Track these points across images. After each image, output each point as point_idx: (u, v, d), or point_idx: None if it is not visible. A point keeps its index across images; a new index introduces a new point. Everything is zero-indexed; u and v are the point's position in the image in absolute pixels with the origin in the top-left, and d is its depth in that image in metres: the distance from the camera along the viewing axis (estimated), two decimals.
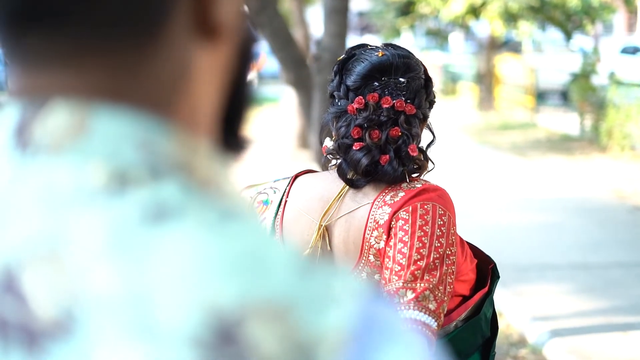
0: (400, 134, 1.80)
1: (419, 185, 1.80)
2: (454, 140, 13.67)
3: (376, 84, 1.82)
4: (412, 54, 1.89)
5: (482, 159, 11.69)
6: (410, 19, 19.10)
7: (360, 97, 1.81)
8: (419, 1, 17.69)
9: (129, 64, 0.56)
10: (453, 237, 1.77)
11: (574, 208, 8.29)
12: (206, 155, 0.57)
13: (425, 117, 1.87)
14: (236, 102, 0.64)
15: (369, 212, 1.79)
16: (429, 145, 1.92)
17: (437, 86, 17.38)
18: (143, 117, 0.55)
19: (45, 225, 0.52)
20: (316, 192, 1.88)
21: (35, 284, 0.50)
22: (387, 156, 1.79)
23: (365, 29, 35.44)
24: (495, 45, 18.39)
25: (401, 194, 1.78)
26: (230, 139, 0.64)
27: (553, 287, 5.84)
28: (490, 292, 1.97)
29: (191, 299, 0.49)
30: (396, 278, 1.70)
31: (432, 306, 1.68)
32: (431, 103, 1.90)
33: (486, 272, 1.99)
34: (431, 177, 1.91)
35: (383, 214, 1.77)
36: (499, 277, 1.99)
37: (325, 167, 1.95)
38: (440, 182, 1.91)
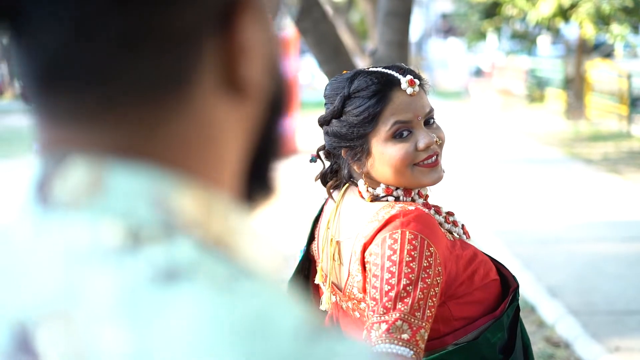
0: None
1: (393, 212, 1.84)
2: (539, 151, 12.97)
3: None
4: None
5: (570, 174, 10.90)
6: (495, 21, 18.87)
7: None
8: (505, 2, 17.41)
9: (151, 120, 0.57)
10: (430, 259, 1.78)
11: None
12: (223, 212, 0.58)
13: None
14: (263, 155, 0.65)
15: (354, 243, 1.90)
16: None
17: (522, 92, 16.90)
18: (159, 174, 0.56)
19: (61, 283, 0.53)
20: (334, 206, 2.00)
21: (48, 342, 0.52)
22: None
23: (448, 31, 34.95)
24: (585, 49, 17.98)
25: (374, 224, 1.86)
26: (255, 188, 0.66)
27: None
28: (501, 316, 1.92)
29: None
30: (371, 313, 1.77)
31: (405, 336, 1.71)
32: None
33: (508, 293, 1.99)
34: (516, 194, 1.38)
35: (358, 244, 1.88)
36: (517, 300, 1.98)
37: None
38: (522, 198, 1.35)
